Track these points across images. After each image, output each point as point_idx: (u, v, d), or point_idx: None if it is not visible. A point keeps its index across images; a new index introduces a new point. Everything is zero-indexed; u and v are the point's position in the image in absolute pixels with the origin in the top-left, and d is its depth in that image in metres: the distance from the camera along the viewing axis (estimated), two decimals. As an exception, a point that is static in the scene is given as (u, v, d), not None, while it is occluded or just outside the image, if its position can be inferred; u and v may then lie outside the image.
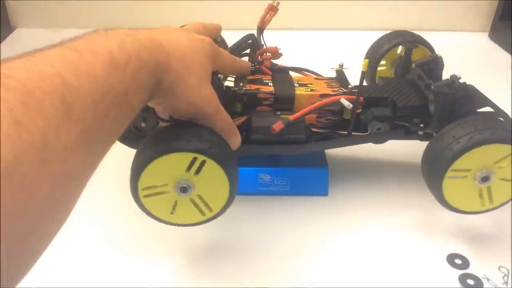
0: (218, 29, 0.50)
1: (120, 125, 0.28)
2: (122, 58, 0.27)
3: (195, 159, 0.40)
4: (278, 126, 0.47)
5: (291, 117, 0.47)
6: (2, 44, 0.95)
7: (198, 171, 0.41)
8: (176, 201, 0.43)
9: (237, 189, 0.44)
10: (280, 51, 0.53)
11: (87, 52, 0.25)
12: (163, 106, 0.38)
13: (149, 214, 0.43)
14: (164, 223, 0.44)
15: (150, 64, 0.31)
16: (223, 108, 0.41)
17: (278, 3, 0.52)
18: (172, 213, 0.43)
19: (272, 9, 0.52)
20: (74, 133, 0.22)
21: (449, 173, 0.45)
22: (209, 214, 0.44)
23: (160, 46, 0.33)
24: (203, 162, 0.41)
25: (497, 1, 1.01)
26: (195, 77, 0.37)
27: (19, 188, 0.19)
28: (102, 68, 0.25)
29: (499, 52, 0.96)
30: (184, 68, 0.35)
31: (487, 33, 1.03)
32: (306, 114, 0.48)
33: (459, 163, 0.44)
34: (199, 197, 0.43)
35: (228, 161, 0.42)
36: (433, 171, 0.46)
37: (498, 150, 0.44)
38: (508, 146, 0.44)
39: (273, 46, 0.53)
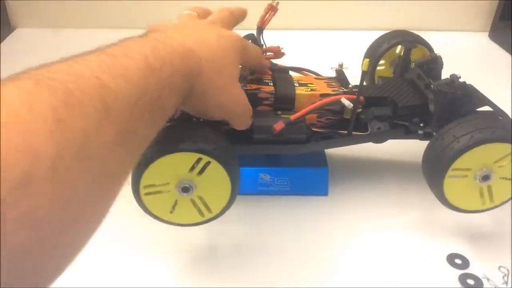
0: (245, 13, 0.49)
1: (154, 128, 0.29)
2: (156, 63, 0.28)
3: (199, 159, 0.40)
4: (279, 125, 0.47)
5: (292, 117, 0.47)
6: (2, 44, 0.95)
7: (201, 172, 0.41)
8: (176, 200, 0.43)
9: (238, 192, 0.44)
10: (282, 51, 0.53)
11: (123, 57, 0.26)
12: (194, 109, 0.38)
13: (147, 212, 0.43)
14: (162, 221, 0.44)
15: (182, 70, 0.32)
16: (249, 105, 0.42)
17: (278, 3, 0.52)
18: (171, 212, 0.43)
19: (272, 9, 0.52)
20: (112, 133, 0.23)
21: (449, 172, 0.45)
22: (208, 215, 0.44)
23: (191, 51, 0.34)
24: (207, 163, 0.41)
25: (497, 1, 1.01)
26: (225, 77, 0.37)
27: (62, 182, 0.20)
28: (137, 72, 0.26)
29: (499, 52, 0.96)
30: (215, 70, 0.36)
31: (487, 33, 1.03)
32: (307, 113, 0.48)
33: (460, 162, 0.44)
34: (200, 197, 0.43)
35: (232, 163, 0.42)
36: (434, 171, 0.46)
37: (498, 149, 0.44)
38: (508, 145, 0.44)
39: (275, 46, 0.52)
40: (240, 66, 0.45)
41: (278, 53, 0.52)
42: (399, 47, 0.64)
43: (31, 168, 0.18)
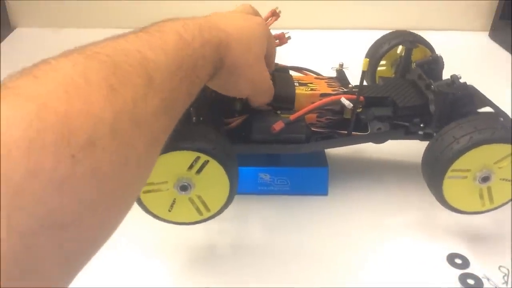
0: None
1: (190, 97, 0.31)
2: (188, 36, 0.30)
3: (198, 158, 0.40)
4: (278, 125, 0.47)
5: (292, 117, 0.47)
6: (2, 43, 0.95)
7: (199, 171, 0.41)
8: (174, 199, 0.43)
9: (236, 191, 0.44)
10: (287, 35, 0.52)
11: (158, 33, 0.29)
12: (222, 83, 0.39)
13: (145, 210, 0.43)
14: (161, 220, 0.44)
15: (212, 41, 0.33)
16: (272, 84, 0.45)
17: (280, 11, 0.52)
18: (169, 210, 0.43)
19: (274, 15, 0.52)
20: (156, 102, 0.25)
21: (449, 173, 0.44)
22: (206, 214, 0.45)
23: (218, 27, 0.35)
24: (205, 162, 0.41)
25: (497, 1, 1.01)
26: (253, 55, 0.39)
27: (120, 144, 0.21)
28: (173, 45, 0.28)
29: (500, 52, 0.96)
30: (243, 47, 0.38)
31: (487, 33, 1.03)
32: (307, 113, 0.48)
33: (459, 163, 0.44)
34: (198, 196, 0.43)
35: (231, 162, 0.42)
36: (433, 171, 0.46)
37: (498, 150, 0.44)
38: (508, 146, 0.44)
39: (279, 32, 0.52)
40: None
41: (283, 38, 0.52)
42: (400, 47, 0.64)
43: (94, 131, 0.20)
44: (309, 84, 0.52)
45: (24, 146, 0.17)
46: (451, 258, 0.48)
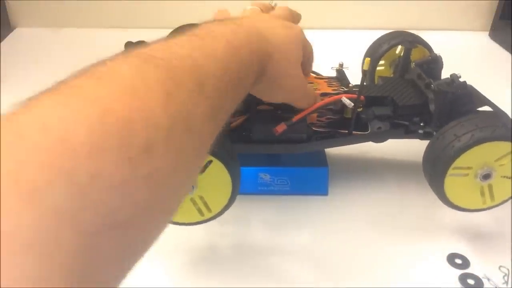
0: (300, 17, 0.51)
1: (234, 104, 0.31)
2: (236, 43, 0.31)
3: None
4: (280, 127, 0.46)
5: (294, 118, 0.47)
6: (2, 43, 0.95)
7: (202, 171, 0.41)
8: (176, 200, 0.43)
9: (238, 192, 0.43)
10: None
11: (209, 38, 0.29)
12: (262, 91, 0.40)
13: None
14: None
15: (258, 51, 0.34)
16: (308, 87, 0.46)
17: (276, 4, 0.52)
18: None
19: (270, 10, 0.52)
20: (206, 108, 0.25)
21: (450, 171, 0.45)
22: (207, 215, 0.44)
23: (262, 35, 0.36)
24: (208, 162, 0.41)
25: (497, 1, 1.01)
26: (291, 64, 0.40)
27: (174, 150, 0.21)
28: (222, 52, 0.29)
29: (499, 52, 0.96)
30: (283, 56, 0.38)
31: (487, 32, 1.03)
32: (309, 114, 0.48)
33: (461, 161, 0.44)
34: (200, 197, 0.43)
35: (233, 163, 0.42)
36: (434, 170, 0.46)
37: (499, 147, 0.44)
38: (508, 144, 0.44)
39: None
40: None
41: None
42: (399, 47, 0.64)
43: (151, 136, 0.20)
44: (309, 84, 0.52)
45: (88, 148, 0.17)
46: (451, 258, 0.48)
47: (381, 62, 0.65)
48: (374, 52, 0.64)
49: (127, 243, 0.20)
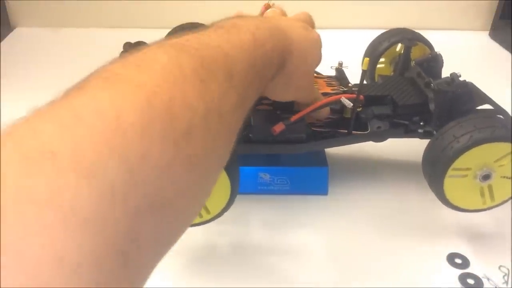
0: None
1: (257, 94, 0.32)
2: (261, 37, 0.32)
3: None
4: (279, 127, 0.46)
5: (292, 118, 0.47)
6: (2, 43, 0.95)
7: None
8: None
9: (237, 194, 0.43)
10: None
11: (235, 30, 0.30)
12: (274, 87, 0.40)
13: None
14: None
15: (279, 46, 0.35)
16: (318, 92, 0.48)
17: (274, 3, 0.52)
18: None
19: (268, 8, 0.52)
20: (235, 97, 0.26)
21: (450, 172, 0.44)
22: (206, 216, 0.44)
23: (284, 32, 0.37)
24: None
25: (498, 0, 1.00)
26: (308, 65, 0.41)
27: (209, 135, 0.22)
28: (248, 44, 0.30)
29: (499, 51, 0.96)
30: (301, 56, 0.39)
31: (487, 32, 1.03)
32: (308, 113, 0.48)
33: (460, 162, 0.44)
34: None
35: (232, 165, 0.42)
36: (434, 171, 0.46)
37: (498, 148, 0.44)
38: (508, 144, 0.44)
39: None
40: None
41: None
42: (399, 45, 0.63)
43: (190, 120, 0.21)
44: (308, 83, 0.52)
45: (138, 130, 0.18)
46: (451, 258, 0.48)
47: (381, 60, 0.65)
48: (374, 50, 0.64)
49: (166, 226, 0.20)
